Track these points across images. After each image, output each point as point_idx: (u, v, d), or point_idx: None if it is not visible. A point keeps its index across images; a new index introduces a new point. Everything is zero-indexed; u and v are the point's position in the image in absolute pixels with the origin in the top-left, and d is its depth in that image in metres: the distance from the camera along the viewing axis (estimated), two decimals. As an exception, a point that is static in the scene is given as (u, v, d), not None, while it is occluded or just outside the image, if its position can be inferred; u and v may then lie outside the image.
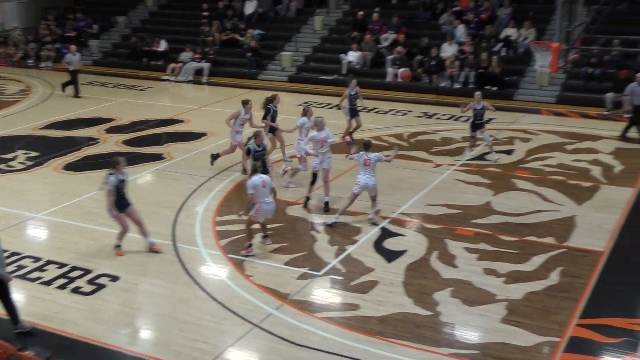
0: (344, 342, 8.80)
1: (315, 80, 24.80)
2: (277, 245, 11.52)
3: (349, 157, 13.29)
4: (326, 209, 12.97)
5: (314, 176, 13.26)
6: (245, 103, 15.08)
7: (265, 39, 27.31)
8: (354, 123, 17.31)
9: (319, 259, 11.13)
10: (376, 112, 21.05)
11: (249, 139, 13.37)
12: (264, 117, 15.31)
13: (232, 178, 14.94)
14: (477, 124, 16.18)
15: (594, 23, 20.84)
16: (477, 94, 16.28)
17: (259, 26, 27.75)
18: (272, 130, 15.33)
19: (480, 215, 12.84)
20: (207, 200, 13.70)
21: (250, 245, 11.24)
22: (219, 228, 12.38)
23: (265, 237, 11.61)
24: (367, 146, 12.43)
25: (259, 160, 12.30)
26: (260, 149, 12.43)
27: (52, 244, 11.95)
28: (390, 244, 11.73)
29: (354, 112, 17.26)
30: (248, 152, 12.76)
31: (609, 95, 20.33)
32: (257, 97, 23.11)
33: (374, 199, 12.48)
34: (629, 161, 15.89)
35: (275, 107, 15.37)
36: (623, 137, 17.51)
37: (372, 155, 12.33)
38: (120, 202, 11.06)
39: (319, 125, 13.21)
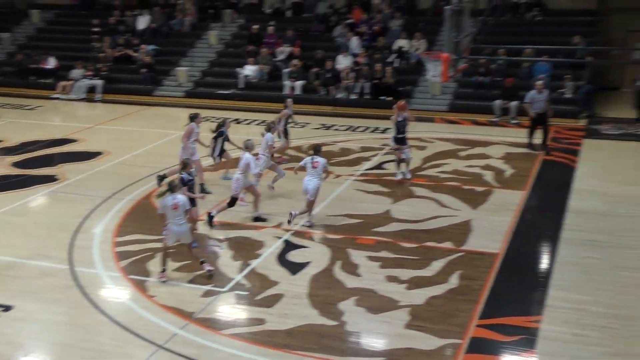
0: (251, 358, 8.73)
1: (213, 95, 24.64)
2: (179, 264, 11.33)
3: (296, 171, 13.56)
4: (262, 220, 13.14)
5: (234, 200, 13.11)
6: (194, 117, 14.72)
7: (159, 54, 26.91)
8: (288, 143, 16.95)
9: (223, 275, 11.02)
10: (275, 125, 21.09)
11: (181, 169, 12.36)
12: (216, 138, 15.14)
13: (130, 197, 14.60)
14: (399, 138, 15.29)
15: (480, 34, 21.63)
16: (398, 103, 15.76)
17: (152, 41, 27.33)
18: (222, 153, 15.21)
19: (381, 224, 13.07)
20: (105, 221, 13.32)
21: (163, 271, 10.93)
22: (118, 249, 12.06)
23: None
24: (317, 150, 12.91)
25: (191, 189, 11.94)
26: (191, 178, 12.13)
27: (-62, 275, 11.31)
28: (293, 256, 11.76)
29: (288, 132, 16.97)
30: (182, 182, 11.72)
31: (497, 103, 21.18)
32: (154, 114, 22.92)
33: (310, 205, 12.74)
34: (518, 165, 16.59)
35: (226, 130, 15.19)
36: (530, 145, 17.85)
37: (321, 159, 12.71)
38: None
39: (250, 148, 13.15)
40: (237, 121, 21.46)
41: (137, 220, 13.29)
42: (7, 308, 10.01)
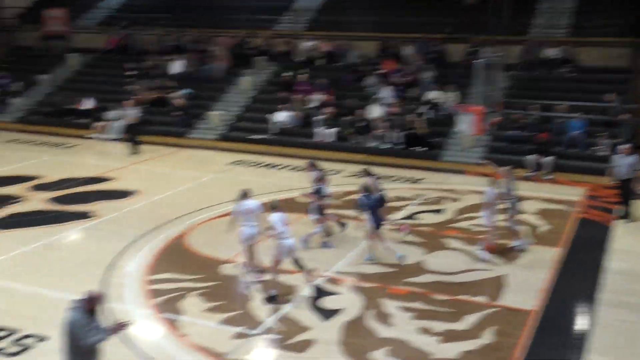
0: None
1: (245, 139, 24.87)
2: (212, 304, 11.30)
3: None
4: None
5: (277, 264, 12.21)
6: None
7: (194, 98, 27.31)
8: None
9: (255, 318, 10.98)
10: (306, 172, 21.16)
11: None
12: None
13: (162, 237, 14.67)
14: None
15: (513, 88, 21.60)
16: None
17: (187, 85, 27.77)
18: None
19: (414, 274, 12.96)
20: (138, 259, 13.38)
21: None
22: (150, 287, 12.08)
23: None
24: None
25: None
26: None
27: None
28: (325, 302, 11.68)
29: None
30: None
31: (531, 157, 21.03)
32: (188, 156, 23.14)
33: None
34: (553, 221, 16.35)
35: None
36: (627, 215, 16.51)
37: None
38: None
39: (276, 207, 12.26)
40: (271, 166, 21.58)
41: (169, 260, 13.33)
42: (42, 339, 10.06)
